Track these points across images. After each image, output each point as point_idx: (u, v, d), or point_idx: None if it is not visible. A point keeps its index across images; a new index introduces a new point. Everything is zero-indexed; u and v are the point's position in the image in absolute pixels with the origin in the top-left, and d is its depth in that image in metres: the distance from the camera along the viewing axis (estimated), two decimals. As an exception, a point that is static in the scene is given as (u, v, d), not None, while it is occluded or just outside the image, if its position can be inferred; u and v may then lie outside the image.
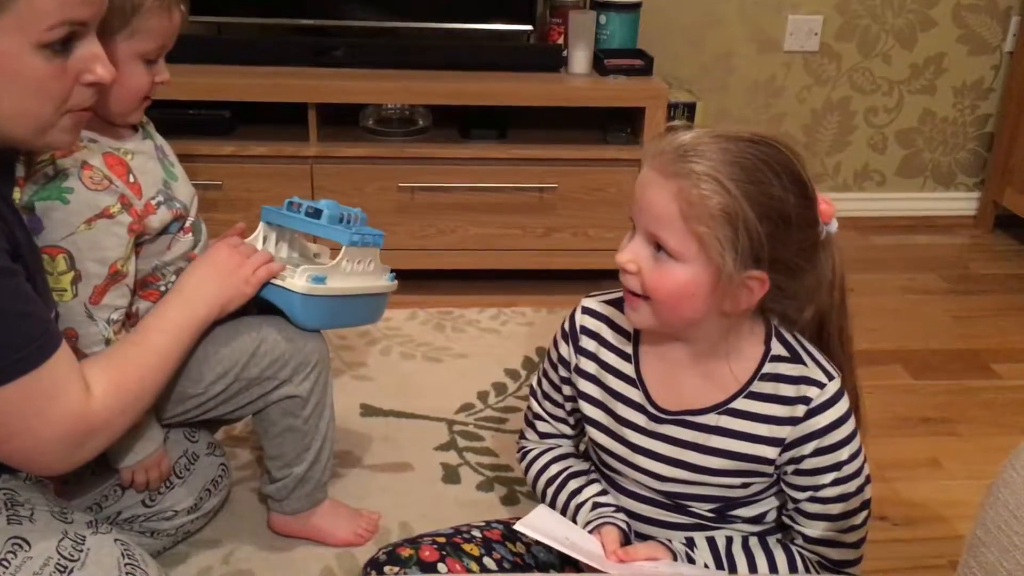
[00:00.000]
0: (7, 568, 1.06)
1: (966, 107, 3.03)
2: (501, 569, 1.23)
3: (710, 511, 1.20)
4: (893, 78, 2.96)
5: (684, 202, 1.02)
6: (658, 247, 1.06)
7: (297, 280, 1.38)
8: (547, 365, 1.31)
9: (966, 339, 2.36)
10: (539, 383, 1.34)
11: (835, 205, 1.12)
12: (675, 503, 1.20)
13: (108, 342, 1.28)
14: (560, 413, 1.33)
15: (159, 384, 1.24)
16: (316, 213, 1.42)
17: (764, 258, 1.04)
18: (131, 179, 1.30)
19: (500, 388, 2.07)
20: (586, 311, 1.26)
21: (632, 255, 1.08)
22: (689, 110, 2.64)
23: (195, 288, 1.32)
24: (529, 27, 2.48)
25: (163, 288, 1.38)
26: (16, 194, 1.19)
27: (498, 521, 1.32)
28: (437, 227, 2.42)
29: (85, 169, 1.24)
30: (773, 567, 1.18)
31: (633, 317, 1.14)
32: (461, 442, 1.87)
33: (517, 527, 1.19)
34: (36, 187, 1.21)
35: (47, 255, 1.22)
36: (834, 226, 1.11)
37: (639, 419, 1.20)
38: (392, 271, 1.57)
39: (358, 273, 1.47)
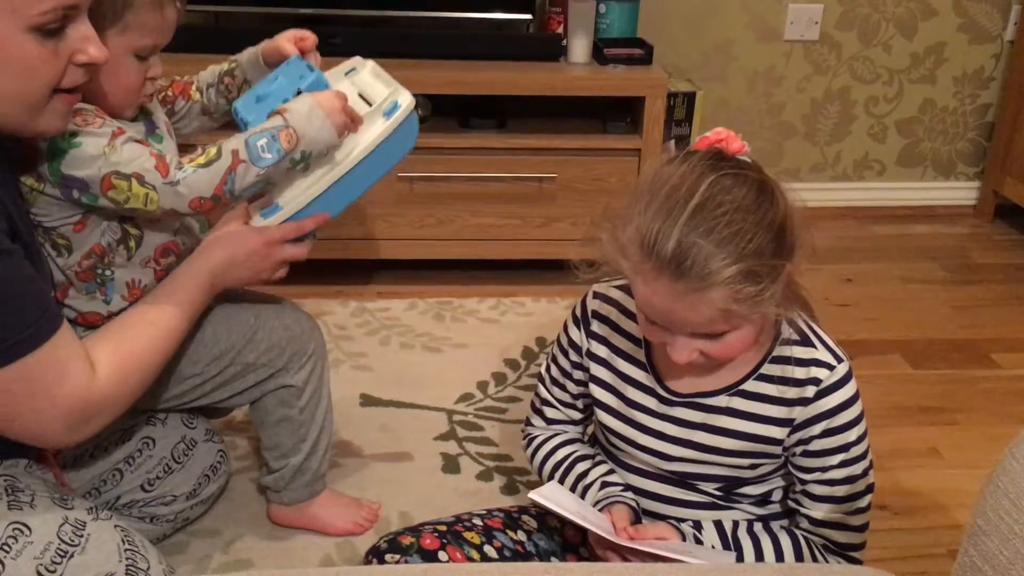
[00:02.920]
0: (8, 552, 1.06)
1: (966, 96, 3.02)
2: (502, 557, 1.23)
3: (717, 489, 1.21)
4: (893, 67, 2.95)
5: (715, 306, 1.01)
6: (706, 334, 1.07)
7: (255, 222, 1.33)
8: (557, 351, 1.32)
9: (966, 329, 2.36)
10: (548, 370, 1.34)
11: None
12: (682, 481, 1.22)
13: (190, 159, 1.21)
14: (568, 399, 1.33)
15: (163, 362, 1.25)
16: (244, 125, 1.29)
17: (782, 260, 1.04)
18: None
19: (500, 378, 2.07)
20: (597, 296, 1.27)
21: (689, 354, 1.08)
22: (689, 99, 2.64)
23: (219, 273, 1.30)
24: (528, 16, 2.47)
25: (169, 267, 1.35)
26: (30, 181, 1.18)
27: (499, 509, 1.33)
28: (436, 217, 2.41)
29: (76, 116, 1.18)
30: (779, 550, 1.19)
31: (693, 370, 1.15)
32: (461, 432, 1.87)
33: (531, 495, 1.20)
34: (47, 160, 1.18)
35: (112, 191, 1.17)
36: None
37: (649, 402, 1.21)
38: (394, 101, 1.33)
39: (324, 163, 1.29)
